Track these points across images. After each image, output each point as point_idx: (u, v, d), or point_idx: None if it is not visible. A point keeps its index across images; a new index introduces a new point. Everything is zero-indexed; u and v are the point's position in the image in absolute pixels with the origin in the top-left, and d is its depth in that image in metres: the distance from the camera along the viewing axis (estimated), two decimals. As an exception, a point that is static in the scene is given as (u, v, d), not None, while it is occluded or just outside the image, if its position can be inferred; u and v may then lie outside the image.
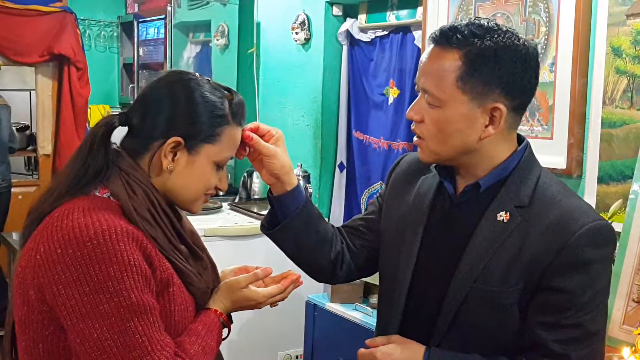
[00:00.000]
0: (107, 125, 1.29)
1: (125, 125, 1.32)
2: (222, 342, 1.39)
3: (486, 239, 1.31)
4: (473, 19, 1.32)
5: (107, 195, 1.25)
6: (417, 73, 1.34)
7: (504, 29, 1.30)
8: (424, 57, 1.33)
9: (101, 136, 1.27)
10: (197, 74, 1.37)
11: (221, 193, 4.36)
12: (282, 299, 1.50)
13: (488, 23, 1.30)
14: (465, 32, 1.27)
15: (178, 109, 1.29)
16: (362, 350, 1.44)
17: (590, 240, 1.26)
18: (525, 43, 1.31)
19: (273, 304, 1.48)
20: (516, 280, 1.28)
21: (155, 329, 1.17)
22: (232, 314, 1.44)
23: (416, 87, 1.35)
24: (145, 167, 1.29)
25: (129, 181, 1.26)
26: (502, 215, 1.31)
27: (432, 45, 1.32)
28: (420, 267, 1.40)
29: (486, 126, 1.30)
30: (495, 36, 1.27)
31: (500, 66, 1.27)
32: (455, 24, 1.29)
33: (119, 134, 1.34)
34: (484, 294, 1.30)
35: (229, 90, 1.36)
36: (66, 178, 1.26)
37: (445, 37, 1.29)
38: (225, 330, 1.39)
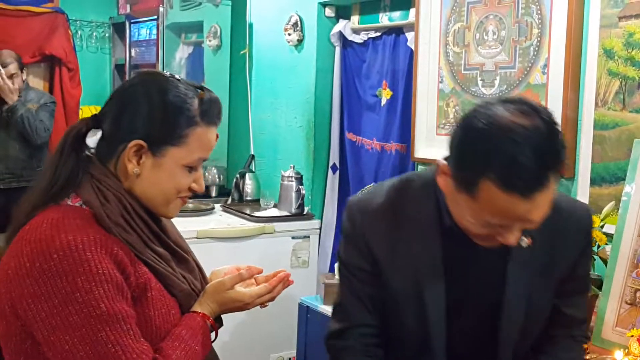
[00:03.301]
0: (76, 131, 1.26)
1: (97, 129, 1.29)
2: (215, 343, 1.38)
3: (522, 268, 1.35)
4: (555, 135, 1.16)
5: (79, 203, 1.23)
6: (535, 219, 1.19)
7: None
8: (539, 202, 1.15)
9: (70, 142, 1.25)
10: (168, 73, 1.33)
11: (213, 195, 4.33)
12: (272, 299, 1.45)
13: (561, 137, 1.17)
14: (560, 156, 1.16)
15: (140, 111, 1.25)
16: None
17: (589, 227, 1.44)
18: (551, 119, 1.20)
19: (262, 305, 1.44)
20: (554, 287, 1.40)
21: (130, 337, 1.15)
22: (225, 316, 1.41)
23: (503, 224, 1.21)
24: (113, 170, 1.26)
25: (101, 188, 1.23)
26: (525, 241, 1.28)
27: (534, 192, 1.13)
28: (455, 315, 1.36)
29: None
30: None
31: None
32: (542, 164, 1.13)
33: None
34: (537, 315, 1.39)
35: (202, 88, 1.31)
36: (39, 187, 1.24)
37: (547, 178, 1.14)
38: (213, 334, 1.36)
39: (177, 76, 1.31)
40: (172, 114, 1.25)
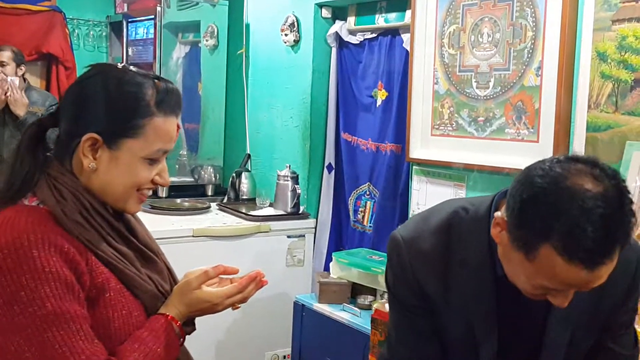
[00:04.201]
0: (30, 132, 1.23)
1: (55, 127, 1.26)
2: (211, 341, 1.35)
3: (563, 315, 1.31)
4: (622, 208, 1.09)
5: (36, 203, 1.19)
6: (581, 287, 1.14)
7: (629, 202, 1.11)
8: (589, 277, 1.10)
9: (26, 144, 1.22)
10: (121, 65, 1.28)
11: (209, 193, 4.34)
12: (243, 300, 1.38)
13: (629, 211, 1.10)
14: (628, 227, 1.09)
15: (92, 104, 1.21)
16: None
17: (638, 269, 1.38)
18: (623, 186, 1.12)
19: (234, 307, 1.37)
20: (599, 328, 1.38)
21: (80, 338, 1.11)
22: (220, 314, 1.38)
23: (571, 293, 1.18)
24: (70, 168, 1.23)
25: (57, 186, 1.19)
26: None
27: (598, 265, 1.08)
28: (500, 353, 1.35)
29: None
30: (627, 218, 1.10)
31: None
32: (604, 244, 1.07)
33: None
34: (576, 355, 1.37)
35: (158, 78, 1.26)
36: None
37: (613, 251, 1.09)
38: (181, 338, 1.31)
39: (131, 67, 1.27)
40: (126, 104, 1.21)
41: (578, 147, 2.18)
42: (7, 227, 1.13)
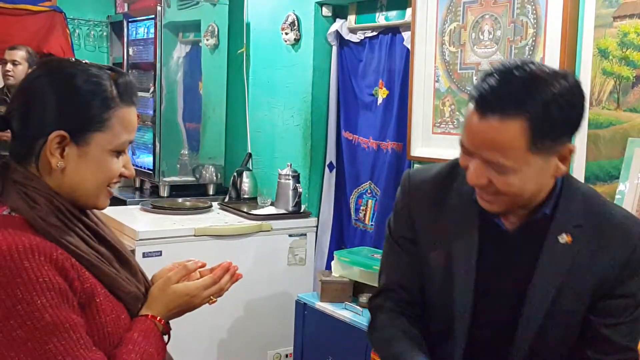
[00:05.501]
0: None
1: (5, 130, 1.21)
2: (212, 340, 1.35)
3: (554, 263, 1.31)
4: (514, 68, 1.19)
5: (7, 212, 1.16)
6: (469, 142, 1.23)
7: (551, 72, 1.20)
8: (476, 127, 1.19)
9: None
10: (74, 58, 1.27)
11: (211, 193, 4.35)
12: (220, 292, 1.38)
13: (532, 72, 1.18)
14: (521, 94, 1.16)
15: (49, 103, 1.17)
16: None
17: None
18: (571, 77, 1.22)
19: (211, 301, 1.37)
20: (588, 296, 1.32)
21: (80, 346, 1.09)
22: (221, 313, 1.39)
23: (466, 150, 1.25)
24: (35, 171, 1.19)
25: (27, 192, 1.16)
26: (564, 238, 1.31)
27: (482, 114, 1.18)
28: (480, 300, 1.37)
29: (558, 165, 1.25)
30: (552, 87, 1.17)
31: (567, 116, 1.20)
32: (501, 84, 1.18)
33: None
34: (560, 316, 1.33)
35: (112, 69, 1.25)
36: None
37: (499, 105, 1.17)
38: (166, 337, 1.31)
39: (84, 60, 1.25)
40: (87, 98, 1.18)
41: (580, 144, 2.18)
42: None
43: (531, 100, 1.16)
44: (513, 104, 1.16)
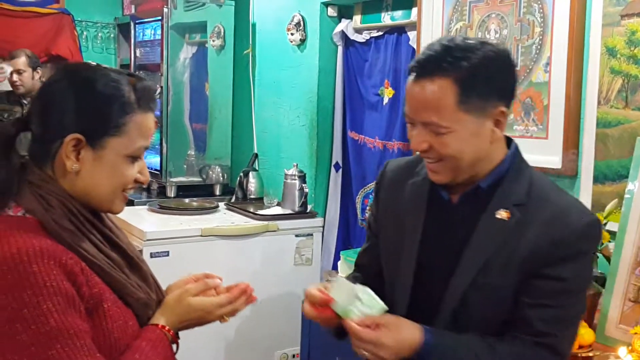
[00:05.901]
0: (2, 137, 1.19)
1: (26, 131, 1.22)
2: (219, 340, 1.34)
3: (487, 236, 1.35)
4: (445, 40, 1.33)
5: (21, 213, 1.16)
6: (409, 108, 1.34)
7: (478, 41, 1.33)
8: (412, 92, 1.32)
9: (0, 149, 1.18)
10: (94, 63, 1.28)
11: (217, 193, 4.36)
12: (233, 312, 1.38)
13: (463, 41, 1.32)
14: (448, 58, 1.28)
15: (68, 106, 1.18)
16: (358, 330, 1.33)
17: (585, 233, 1.34)
18: (500, 47, 1.36)
19: (222, 319, 1.36)
20: (515, 272, 1.33)
21: (85, 353, 1.08)
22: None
23: (409, 119, 1.36)
24: (51, 173, 1.19)
25: (42, 194, 1.16)
26: (502, 214, 1.35)
27: (416, 78, 1.31)
28: (421, 268, 1.42)
29: (493, 130, 1.34)
30: (477, 52, 1.29)
31: (492, 78, 1.31)
32: (432, 52, 1.31)
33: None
34: (484, 288, 1.34)
35: (132, 75, 1.25)
36: None
37: (430, 68, 1.29)
38: (174, 347, 1.29)
39: (104, 65, 1.25)
40: (105, 103, 1.19)
41: (588, 143, 2.16)
42: (3, 242, 1.09)
43: (458, 61, 1.28)
44: (442, 65, 1.28)
